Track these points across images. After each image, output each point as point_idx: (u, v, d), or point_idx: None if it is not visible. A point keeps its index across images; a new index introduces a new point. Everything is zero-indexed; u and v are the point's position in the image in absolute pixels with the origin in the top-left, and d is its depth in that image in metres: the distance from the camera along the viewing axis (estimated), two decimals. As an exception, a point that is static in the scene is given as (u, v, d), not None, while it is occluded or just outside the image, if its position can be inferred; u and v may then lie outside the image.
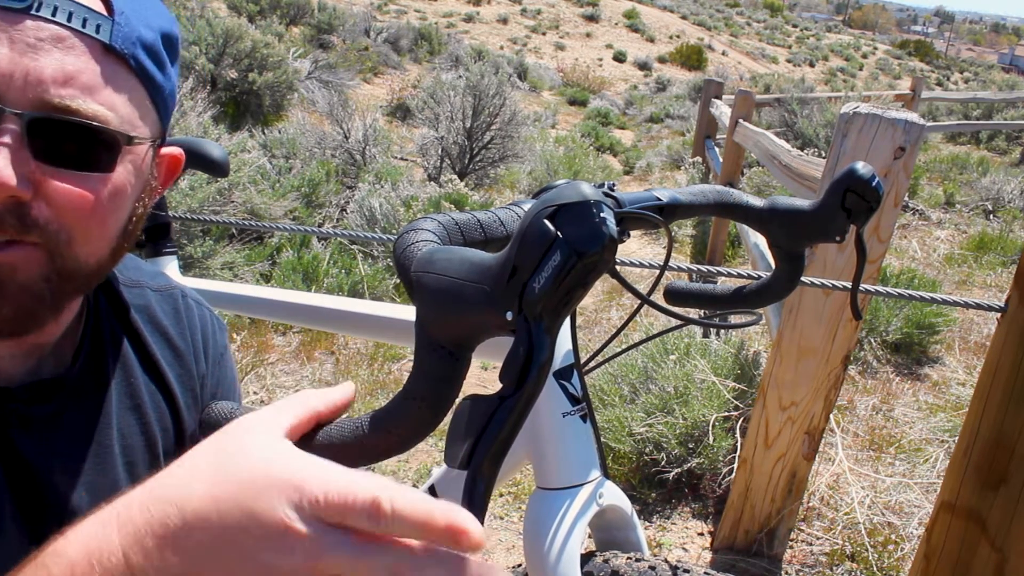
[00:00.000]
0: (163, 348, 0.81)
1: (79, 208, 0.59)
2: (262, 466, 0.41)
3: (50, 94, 0.56)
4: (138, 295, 0.81)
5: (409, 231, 0.58)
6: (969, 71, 45.73)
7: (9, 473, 0.64)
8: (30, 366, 0.68)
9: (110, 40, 0.59)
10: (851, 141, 1.80)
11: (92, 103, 0.58)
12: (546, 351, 0.47)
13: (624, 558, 0.88)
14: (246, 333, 3.60)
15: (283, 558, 0.38)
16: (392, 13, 26.83)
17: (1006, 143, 12.79)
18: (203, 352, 0.86)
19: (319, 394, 0.51)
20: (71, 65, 0.57)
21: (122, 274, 0.81)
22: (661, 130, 14.11)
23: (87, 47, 0.58)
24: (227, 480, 0.40)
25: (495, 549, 2.38)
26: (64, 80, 0.57)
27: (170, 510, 0.40)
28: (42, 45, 0.56)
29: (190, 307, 0.86)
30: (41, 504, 0.66)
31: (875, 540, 2.41)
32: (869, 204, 0.70)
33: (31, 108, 0.56)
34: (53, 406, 0.68)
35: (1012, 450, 1.60)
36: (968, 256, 5.90)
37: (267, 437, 0.44)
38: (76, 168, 0.59)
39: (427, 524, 0.37)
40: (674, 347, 2.96)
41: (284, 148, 5.81)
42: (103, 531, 0.42)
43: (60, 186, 0.58)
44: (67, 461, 0.68)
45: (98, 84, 0.59)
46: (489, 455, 0.45)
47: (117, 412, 0.74)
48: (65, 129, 0.57)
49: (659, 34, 34.81)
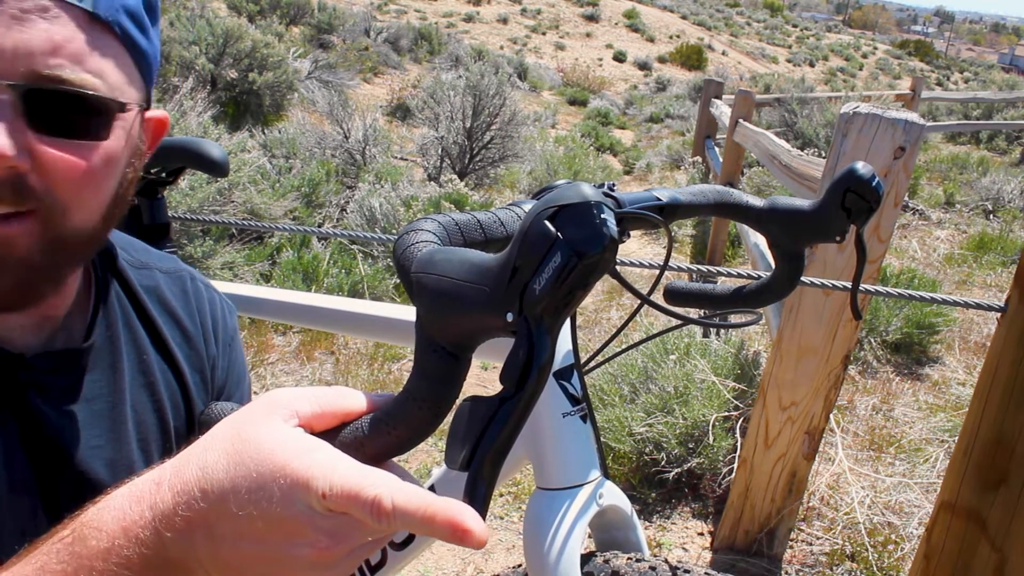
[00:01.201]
0: (172, 329, 0.81)
1: (74, 177, 0.60)
2: (275, 458, 0.43)
3: (40, 65, 0.56)
4: (147, 276, 0.82)
5: (409, 232, 0.58)
6: (969, 71, 45.72)
7: (26, 435, 0.65)
8: (43, 338, 0.69)
9: (93, 8, 0.60)
10: (851, 141, 1.80)
11: (81, 72, 0.59)
12: (547, 352, 0.47)
13: (624, 558, 0.88)
14: (246, 333, 3.60)
15: (292, 548, 0.42)
16: (392, 13, 26.83)
17: (1006, 143, 12.79)
18: (213, 335, 0.86)
19: (353, 398, 0.51)
20: (58, 35, 0.57)
21: (131, 256, 0.81)
22: (661, 130, 14.11)
23: (71, 16, 0.58)
24: (243, 469, 0.43)
25: (495, 549, 2.38)
26: (52, 50, 0.57)
27: (196, 494, 0.43)
28: (28, 16, 0.56)
29: (199, 289, 0.87)
30: (57, 469, 0.67)
31: (875, 540, 2.41)
32: (869, 204, 0.70)
33: (23, 80, 0.56)
34: (70, 377, 0.70)
35: (1012, 450, 1.60)
36: (968, 256, 5.90)
37: (280, 426, 0.46)
38: (70, 137, 0.59)
39: (428, 521, 0.39)
40: (674, 347, 2.96)
41: (284, 148, 5.81)
42: (138, 508, 0.45)
43: (55, 155, 0.59)
44: (84, 432, 0.69)
45: (85, 52, 0.59)
46: (489, 457, 0.45)
47: (131, 389, 0.75)
48: (57, 99, 0.58)
49: (659, 34, 34.80)
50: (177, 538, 0.43)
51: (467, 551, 2.36)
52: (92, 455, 0.69)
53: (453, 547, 2.39)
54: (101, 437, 0.70)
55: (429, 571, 2.26)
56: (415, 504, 0.40)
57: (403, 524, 0.40)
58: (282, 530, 0.42)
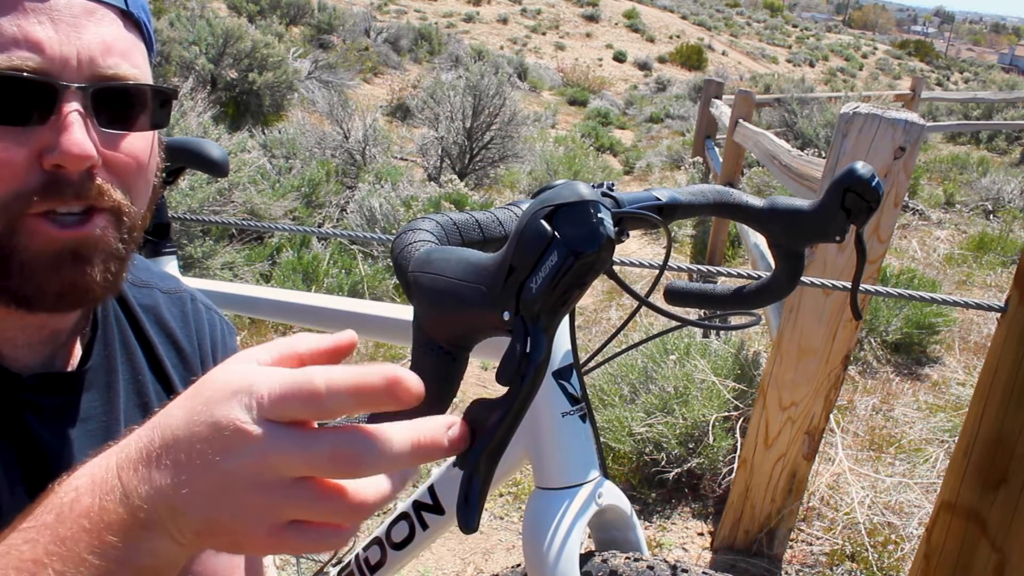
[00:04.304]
0: (168, 349, 0.81)
1: (134, 167, 0.65)
2: (224, 381, 0.42)
3: (100, 65, 0.61)
4: (146, 295, 0.82)
5: (407, 231, 0.58)
6: (969, 71, 45.72)
7: (23, 455, 0.66)
8: (44, 357, 0.70)
9: (127, 6, 0.64)
10: (851, 141, 1.80)
11: (130, 67, 0.63)
12: (543, 351, 0.47)
13: (623, 558, 0.88)
14: (246, 333, 3.60)
15: (237, 460, 0.40)
16: (392, 13, 26.84)
17: (1006, 143, 12.79)
18: (211, 356, 0.85)
19: (309, 338, 0.48)
20: (108, 35, 0.62)
21: (132, 274, 0.81)
22: (661, 130, 14.11)
23: (113, 15, 0.63)
24: (197, 400, 0.42)
25: (495, 549, 2.38)
26: (105, 50, 0.61)
27: (154, 434, 0.43)
28: (79, 21, 0.60)
29: (199, 311, 0.86)
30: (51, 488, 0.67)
31: (875, 540, 2.41)
32: (869, 204, 0.70)
33: (88, 81, 0.60)
34: (65, 398, 0.70)
35: (1012, 450, 1.60)
36: (968, 256, 5.90)
37: (236, 363, 0.45)
38: (129, 129, 0.64)
39: (363, 388, 0.39)
40: (674, 347, 2.96)
41: (284, 148, 5.81)
42: (104, 461, 0.45)
43: (119, 148, 0.63)
44: (78, 452, 0.69)
45: (129, 48, 0.64)
46: (486, 454, 0.45)
47: (125, 409, 0.75)
48: (118, 95, 0.62)
49: (659, 34, 34.81)
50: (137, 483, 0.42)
51: (467, 551, 2.36)
52: None
53: (453, 547, 2.39)
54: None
55: (429, 571, 2.26)
56: (346, 377, 0.39)
57: (339, 401, 0.39)
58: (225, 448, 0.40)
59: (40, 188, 0.59)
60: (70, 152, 0.58)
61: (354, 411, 0.40)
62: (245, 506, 0.40)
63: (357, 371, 0.40)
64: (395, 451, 0.40)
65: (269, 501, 0.40)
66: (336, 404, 0.39)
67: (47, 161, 0.58)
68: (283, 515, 0.41)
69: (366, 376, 0.39)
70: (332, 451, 0.39)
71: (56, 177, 0.59)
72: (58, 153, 0.58)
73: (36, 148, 0.58)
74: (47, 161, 0.58)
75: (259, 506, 0.40)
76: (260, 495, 0.40)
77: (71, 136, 0.58)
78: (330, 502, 0.41)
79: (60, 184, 0.59)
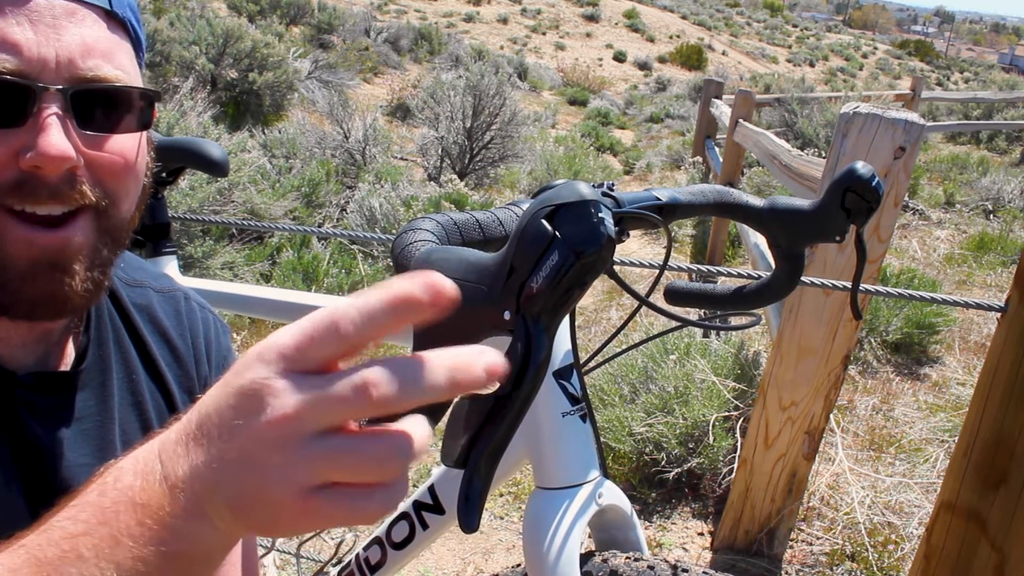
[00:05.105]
0: (162, 348, 0.81)
1: (119, 168, 0.64)
2: (253, 349, 0.41)
3: (79, 67, 0.60)
4: (140, 294, 0.82)
5: (407, 231, 0.58)
6: (969, 71, 45.72)
7: (17, 453, 0.66)
8: (38, 356, 0.70)
9: (111, 6, 0.64)
10: (851, 141, 1.80)
11: (112, 68, 0.63)
12: (543, 350, 0.47)
13: (623, 558, 0.88)
14: (246, 333, 3.60)
15: (259, 420, 0.38)
16: (392, 13, 26.84)
17: (1006, 143, 12.79)
18: (205, 356, 0.86)
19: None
20: (88, 36, 0.61)
21: (125, 273, 0.81)
22: (661, 130, 14.11)
23: (95, 16, 0.62)
24: (229, 374, 0.41)
25: (495, 549, 2.38)
26: (86, 51, 0.61)
27: (192, 415, 0.43)
28: (58, 22, 0.59)
29: (192, 310, 0.86)
30: (44, 487, 0.67)
31: (875, 540, 2.41)
32: (869, 204, 0.70)
33: (67, 83, 0.59)
34: (59, 397, 0.70)
35: (1012, 450, 1.60)
36: (968, 256, 5.90)
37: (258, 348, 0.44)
38: (111, 131, 0.63)
39: (392, 303, 0.37)
40: (674, 347, 2.96)
41: (284, 148, 5.81)
42: (149, 445, 0.45)
43: (104, 149, 0.63)
44: (71, 451, 0.69)
45: (112, 49, 0.63)
46: (486, 454, 0.45)
47: (119, 408, 0.75)
48: (99, 97, 0.62)
49: (659, 34, 34.80)
50: (175, 462, 0.41)
51: (467, 551, 2.36)
52: (79, 474, 0.69)
53: (453, 547, 2.38)
54: (88, 456, 0.71)
55: (429, 571, 2.26)
56: (371, 300, 0.37)
57: (372, 325, 0.37)
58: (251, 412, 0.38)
59: (14, 185, 0.59)
60: (47, 153, 0.57)
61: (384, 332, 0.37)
62: (268, 468, 0.38)
63: (380, 293, 0.37)
64: (430, 378, 0.37)
65: (294, 457, 0.38)
66: (370, 328, 0.37)
67: (24, 161, 0.58)
68: (311, 475, 0.38)
69: (393, 291, 0.37)
70: (358, 383, 0.37)
71: (32, 177, 0.59)
72: (35, 154, 0.58)
73: (14, 148, 0.58)
74: (24, 161, 0.58)
75: (283, 465, 0.38)
76: (283, 453, 0.38)
77: (48, 138, 0.58)
78: (361, 446, 0.38)
79: (35, 184, 0.59)
